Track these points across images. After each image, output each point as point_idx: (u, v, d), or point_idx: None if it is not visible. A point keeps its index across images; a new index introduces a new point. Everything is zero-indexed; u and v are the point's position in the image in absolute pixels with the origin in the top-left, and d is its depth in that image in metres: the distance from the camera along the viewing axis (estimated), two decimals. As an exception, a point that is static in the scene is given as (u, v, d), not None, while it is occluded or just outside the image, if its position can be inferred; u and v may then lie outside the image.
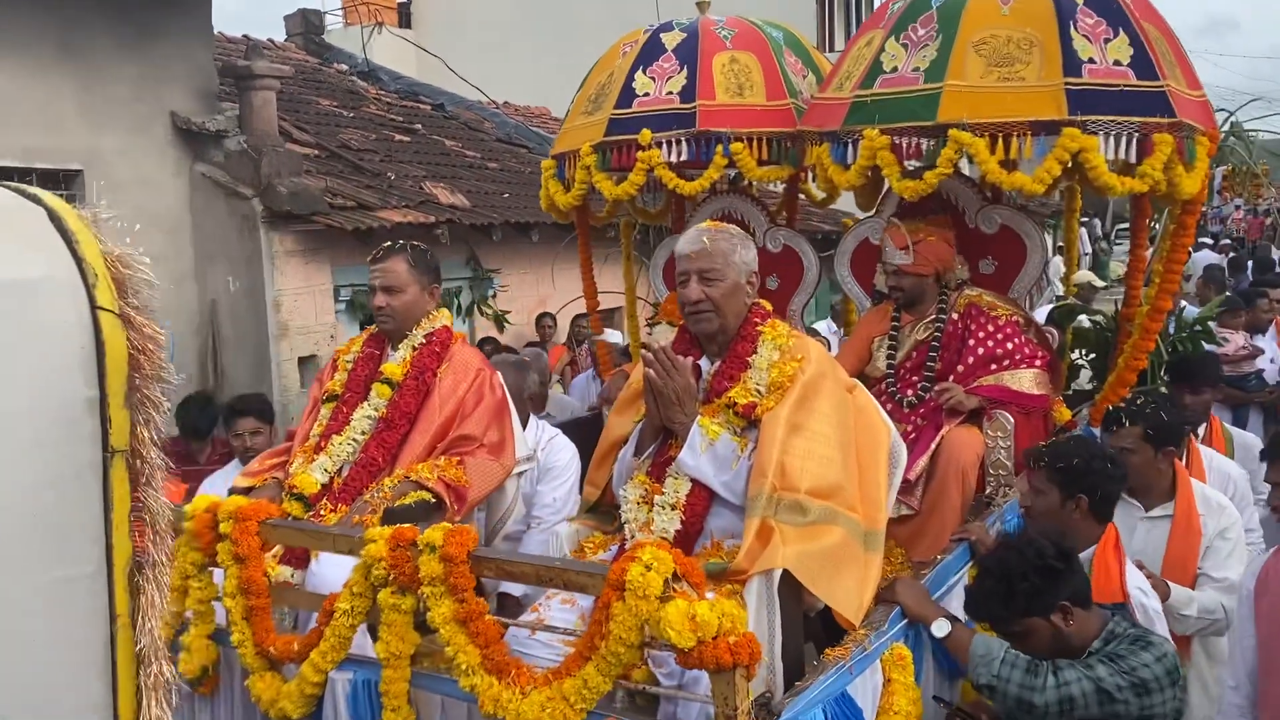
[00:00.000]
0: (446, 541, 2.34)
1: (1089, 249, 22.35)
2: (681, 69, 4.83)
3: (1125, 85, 3.86)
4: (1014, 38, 3.94)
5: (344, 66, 12.88)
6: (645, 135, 4.71)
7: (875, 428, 2.92)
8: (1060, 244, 25.29)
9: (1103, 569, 3.15)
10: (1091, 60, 3.87)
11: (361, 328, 8.58)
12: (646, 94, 4.84)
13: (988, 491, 3.65)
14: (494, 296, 9.35)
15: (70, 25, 6.47)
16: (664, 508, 2.70)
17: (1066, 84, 3.82)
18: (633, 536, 2.72)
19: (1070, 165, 4.10)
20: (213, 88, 7.44)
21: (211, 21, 7.52)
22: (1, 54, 6.13)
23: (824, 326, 8.74)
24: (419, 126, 11.18)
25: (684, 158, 4.70)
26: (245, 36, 11.50)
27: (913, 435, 4.31)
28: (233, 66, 7.60)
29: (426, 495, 3.25)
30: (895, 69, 4.17)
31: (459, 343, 3.61)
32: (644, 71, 4.88)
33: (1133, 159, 3.87)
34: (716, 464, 2.72)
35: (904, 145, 4.05)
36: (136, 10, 6.78)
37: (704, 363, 2.95)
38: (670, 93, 4.80)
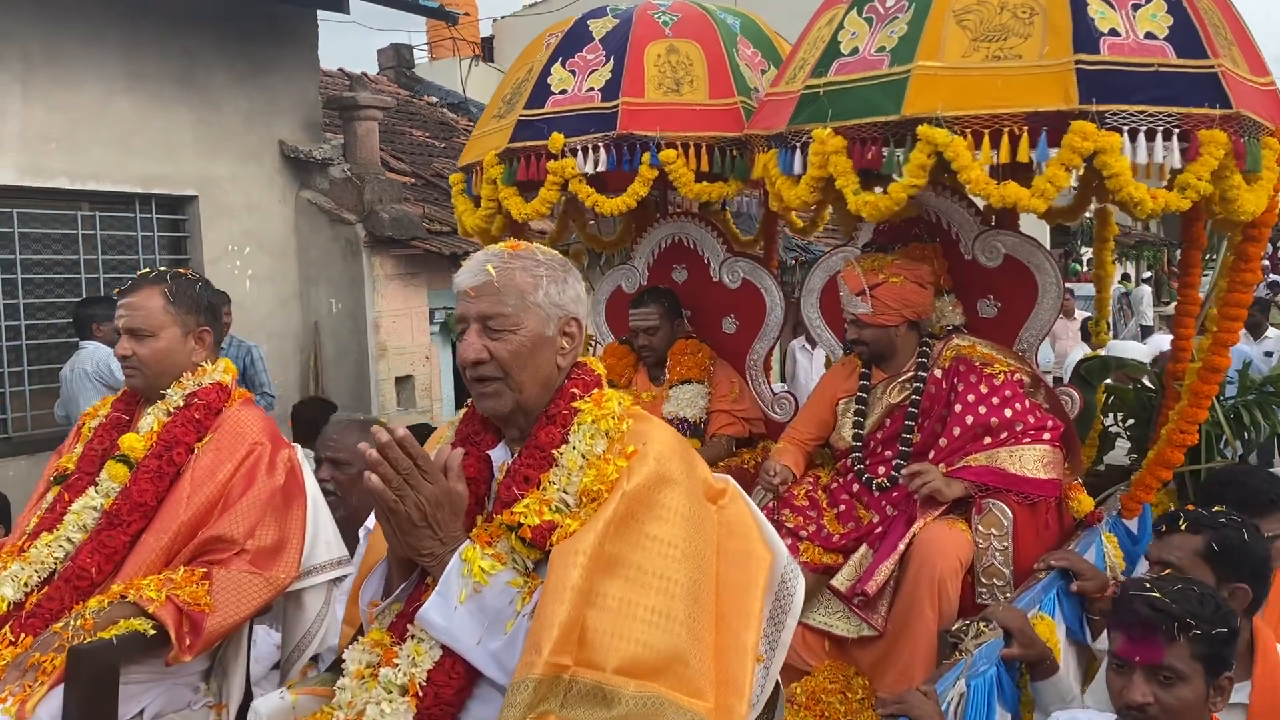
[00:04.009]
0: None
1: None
2: (608, 60, 3.90)
3: (1161, 65, 2.83)
4: (1008, 4, 2.95)
5: (434, 99, 13.27)
6: (556, 140, 3.77)
7: (749, 558, 1.91)
8: (1147, 273, 23.43)
9: None
10: (1114, 32, 2.86)
11: (453, 350, 8.55)
12: (563, 91, 3.90)
13: (956, 627, 2.59)
14: None
15: (191, 60, 6.99)
16: (389, 690, 1.71)
17: (1078, 63, 2.81)
18: (341, 733, 1.75)
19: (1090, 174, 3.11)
20: (318, 119, 7.90)
21: (318, 56, 7.98)
22: (129, 87, 6.66)
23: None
24: (506, 156, 11.66)
25: (602, 167, 3.75)
26: (340, 70, 11.85)
27: (880, 530, 3.30)
28: (338, 98, 8.11)
29: (143, 625, 2.31)
30: (855, 50, 3.18)
31: (237, 405, 2.68)
32: (563, 64, 3.96)
33: (1177, 163, 2.83)
34: (483, 623, 1.74)
35: (863, 147, 3.06)
36: (250, 45, 7.32)
37: (499, 453, 1.98)
38: (591, 89, 3.86)
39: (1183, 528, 2.48)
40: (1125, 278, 22.90)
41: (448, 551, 1.77)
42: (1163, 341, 5.80)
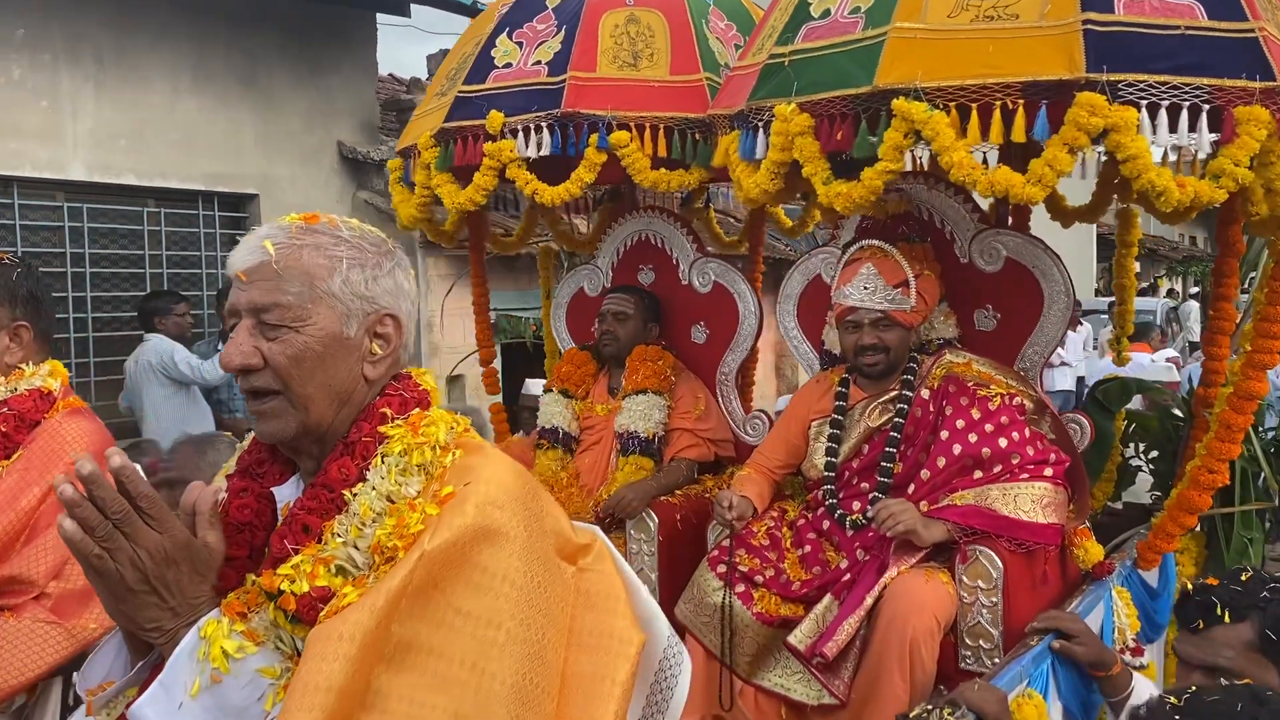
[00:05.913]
0: None
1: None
2: (559, 30, 3.44)
3: (1188, 27, 2.33)
4: (1006, -46, 2.45)
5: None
6: (494, 119, 3.32)
7: (609, 640, 1.44)
8: (1194, 288, 22.55)
9: None
10: (1132, -14, 2.36)
11: (503, 350, 8.67)
12: (508, 64, 3.45)
13: (914, 714, 2.08)
14: None
15: (253, 62, 7.23)
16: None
17: (1087, 23, 2.31)
18: None
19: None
20: (375, 121, 8.07)
21: (376, 60, 8.15)
22: (195, 88, 6.95)
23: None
24: (555, 159, 12.05)
25: (545, 150, 3.30)
26: (391, 75, 11.81)
27: (848, 578, 2.81)
28: (395, 100, 8.21)
29: (-103, 687, 1.88)
30: (827, 12, 2.70)
31: (60, 415, 2.24)
32: (509, 35, 3.51)
33: (1206, 146, 2.33)
34: (221, 721, 1.29)
35: (833, 126, 2.58)
36: (310, 48, 7.55)
37: (288, 489, 1.52)
38: (538, 62, 3.41)
39: (1225, 618, 1.93)
40: (1171, 293, 22.22)
41: (182, 625, 1.32)
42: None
